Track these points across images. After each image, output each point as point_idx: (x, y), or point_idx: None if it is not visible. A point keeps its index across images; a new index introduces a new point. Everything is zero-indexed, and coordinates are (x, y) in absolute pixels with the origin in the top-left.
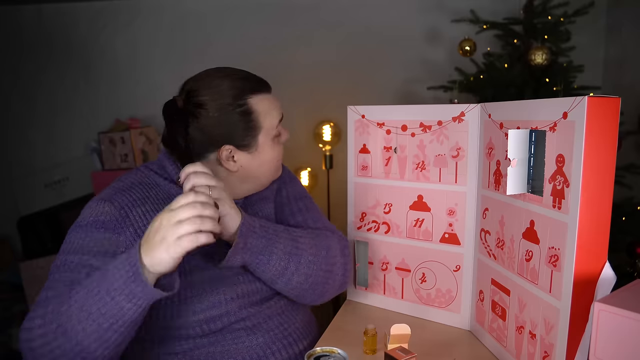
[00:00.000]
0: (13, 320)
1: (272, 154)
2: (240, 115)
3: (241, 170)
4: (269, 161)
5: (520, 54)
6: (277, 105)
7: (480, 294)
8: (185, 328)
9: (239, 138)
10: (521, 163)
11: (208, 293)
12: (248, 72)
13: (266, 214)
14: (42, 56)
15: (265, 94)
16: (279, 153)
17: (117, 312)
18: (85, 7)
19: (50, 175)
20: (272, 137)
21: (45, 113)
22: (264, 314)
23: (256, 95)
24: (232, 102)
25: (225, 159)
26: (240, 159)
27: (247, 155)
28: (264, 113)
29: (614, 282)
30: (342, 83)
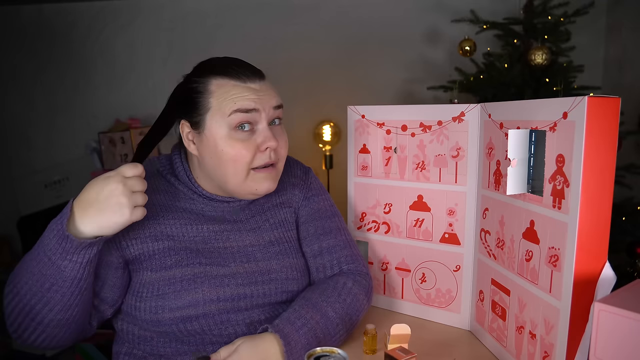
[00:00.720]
0: None
1: (232, 149)
2: (192, 90)
3: (200, 159)
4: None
5: (520, 54)
6: (248, 94)
7: (480, 294)
8: (162, 325)
9: (190, 110)
10: (521, 163)
11: (186, 291)
12: (237, 60)
13: (279, 220)
14: (42, 56)
15: (234, 81)
16: (250, 153)
17: (55, 271)
18: (85, 7)
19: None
20: (225, 122)
21: (45, 113)
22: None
23: (219, 79)
24: (192, 76)
25: (186, 137)
26: (196, 141)
27: (198, 137)
28: (219, 95)
29: (614, 282)
30: (342, 83)
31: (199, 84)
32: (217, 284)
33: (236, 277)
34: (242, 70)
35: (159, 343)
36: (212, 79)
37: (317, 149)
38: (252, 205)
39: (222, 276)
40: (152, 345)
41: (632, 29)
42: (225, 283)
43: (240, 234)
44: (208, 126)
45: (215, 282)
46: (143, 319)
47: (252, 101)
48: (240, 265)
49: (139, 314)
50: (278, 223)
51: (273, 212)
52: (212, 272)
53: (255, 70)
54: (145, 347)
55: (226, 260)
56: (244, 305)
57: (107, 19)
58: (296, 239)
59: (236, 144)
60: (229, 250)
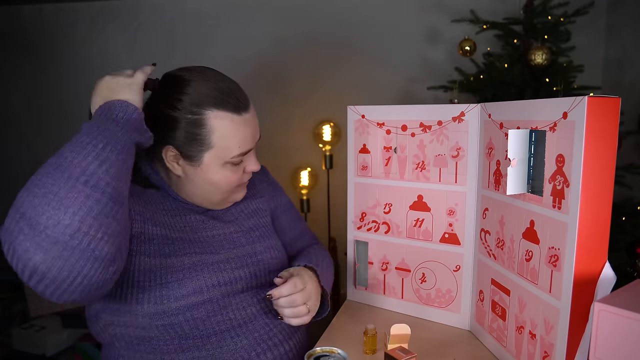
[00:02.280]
0: (13, 320)
1: (224, 177)
2: (188, 122)
3: (185, 178)
4: (219, 182)
5: (520, 54)
6: (246, 133)
7: (480, 294)
8: (167, 316)
9: (183, 145)
10: (521, 163)
11: (188, 279)
12: (233, 85)
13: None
14: (42, 56)
15: (232, 114)
16: (237, 177)
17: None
18: (85, 7)
19: None
20: (224, 162)
21: (45, 113)
22: (248, 311)
23: (218, 111)
24: (185, 105)
25: (169, 160)
26: (184, 167)
27: (188, 165)
28: (220, 133)
29: (614, 282)
30: (342, 83)
31: (194, 116)
32: (216, 270)
33: (230, 262)
34: (238, 100)
35: (160, 341)
36: (209, 112)
37: (317, 149)
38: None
39: (217, 262)
40: (152, 345)
41: (632, 29)
42: (222, 268)
43: (223, 223)
44: (206, 163)
45: (213, 268)
46: (145, 312)
47: (250, 141)
48: (229, 251)
49: (140, 308)
50: (252, 212)
51: (245, 204)
52: (208, 259)
53: (245, 96)
54: (145, 347)
55: (216, 248)
56: (240, 287)
57: (107, 19)
58: (271, 224)
59: (228, 174)
60: (217, 239)
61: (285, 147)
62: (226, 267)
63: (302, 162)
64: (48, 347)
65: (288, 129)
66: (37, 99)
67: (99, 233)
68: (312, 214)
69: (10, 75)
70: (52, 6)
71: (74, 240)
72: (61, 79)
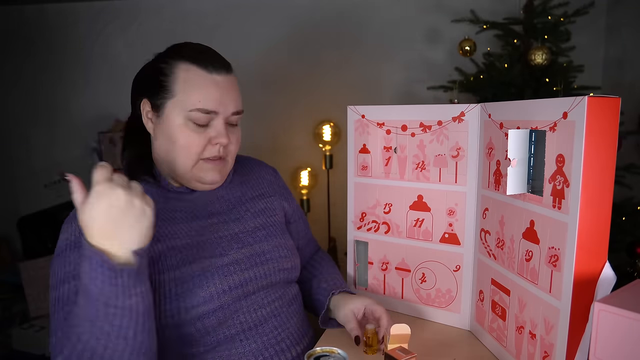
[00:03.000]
0: (13, 320)
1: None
2: (159, 70)
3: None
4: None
5: (520, 54)
6: (212, 93)
7: (480, 294)
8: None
9: (153, 92)
10: (521, 163)
11: (198, 287)
12: (211, 50)
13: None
14: (43, 56)
15: (200, 69)
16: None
17: (127, 315)
18: (86, 7)
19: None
20: (184, 115)
21: (45, 113)
22: (259, 313)
23: (187, 64)
24: (161, 57)
25: (145, 115)
26: (153, 121)
27: (156, 118)
28: (184, 83)
29: (614, 282)
30: (342, 83)
31: (166, 65)
32: (226, 273)
33: (239, 263)
34: (210, 60)
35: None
36: (180, 63)
37: (317, 149)
38: (227, 197)
39: (227, 265)
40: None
41: (632, 28)
42: (232, 271)
43: (227, 224)
44: (167, 112)
45: (223, 271)
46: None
47: (215, 102)
48: (238, 251)
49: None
50: (259, 211)
51: (251, 203)
52: (217, 262)
53: (223, 62)
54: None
55: (224, 249)
56: (251, 289)
57: (107, 19)
58: (281, 222)
59: (190, 134)
60: (224, 240)
61: (285, 147)
62: (236, 269)
63: (302, 162)
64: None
65: (288, 129)
66: (38, 99)
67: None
68: (312, 214)
69: (11, 75)
70: (53, 6)
71: None
72: (62, 78)
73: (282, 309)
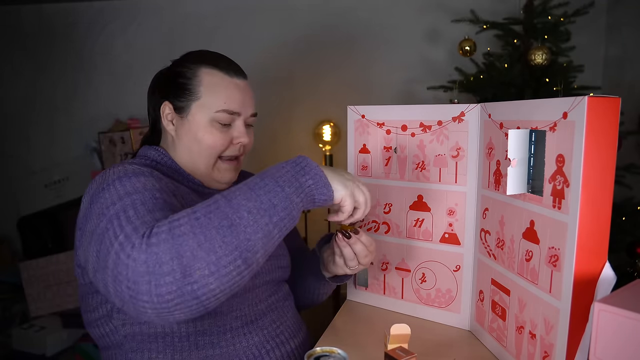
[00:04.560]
0: (13, 320)
1: (209, 134)
2: (181, 74)
3: (177, 138)
4: (203, 138)
5: (520, 54)
6: (235, 95)
7: (480, 294)
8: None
9: (177, 94)
10: (521, 163)
11: None
12: (229, 59)
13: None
14: (42, 56)
15: (222, 73)
16: (222, 142)
17: (288, 204)
18: (85, 7)
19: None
20: (210, 116)
21: (45, 113)
22: (259, 306)
23: (210, 68)
24: (182, 62)
25: (165, 118)
26: (175, 123)
27: (180, 120)
28: (208, 86)
29: (614, 282)
30: (342, 83)
31: (189, 69)
32: None
33: None
34: (231, 65)
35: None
36: (203, 67)
37: (317, 149)
38: None
39: None
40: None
41: (633, 28)
42: None
43: None
44: (192, 113)
45: None
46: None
47: (237, 103)
48: None
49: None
50: None
51: None
52: None
53: (240, 69)
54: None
55: None
56: (258, 282)
57: (107, 19)
58: None
59: (215, 133)
60: None
61: (286, 147)
62: None
63: None
64: (48, 347)
65: (288, 129)
66: (38, 99)
67: (224, 295)
68: (312, 214)
69: (10, 75)
70: (52, 6)
71: (207, 300)
72: (61, 78)
73: (278, 303)
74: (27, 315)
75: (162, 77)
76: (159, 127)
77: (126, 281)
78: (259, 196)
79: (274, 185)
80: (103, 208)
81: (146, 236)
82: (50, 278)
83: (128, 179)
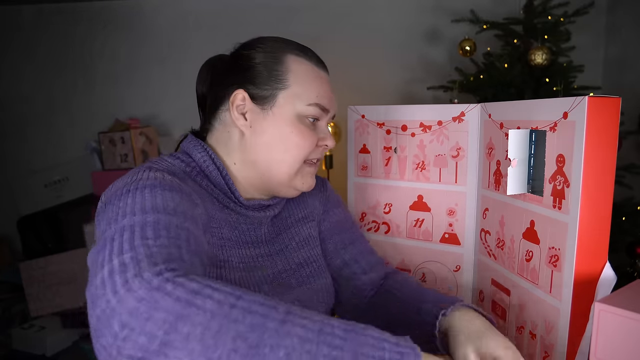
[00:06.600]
0: (13, 320)
1: (297, 130)
2: (268, 59)
3: (251, 135)
4: (290, 135)
5: (520, 54)
6: (326, 90)
7: (480, 294)
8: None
9: (257, 81)
10: (521, 163)
11: None
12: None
13: (304, 237)
14: (42, 56)
15: (313, 65)
16: (310, 143)
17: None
18: (85, 7)
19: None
20: (300, 109)
21: (45, 113)
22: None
23: (297, 56)
24: (265, 46)
25: (236, 110)
26: (250, 115)
27: (259, 111)
28: (298, 75)
29: (614, 282)
30: (342, 83)
31: (272, 54)
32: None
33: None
34: (318, 58)
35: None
36: (289, 54)
37: None
38: (277, 220)
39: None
40: None
41: (633, 29)
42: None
43: (272, 258)
44: (280, 104)
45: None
46: None
47: (328, 100)
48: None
49: None
50: (304, 240)
51: (297, 228)
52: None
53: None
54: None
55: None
56: None
57: (108, 19)
58: (322, 255)
59: (305, 130)
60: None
61: None
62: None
63: None
64: (48, 347)
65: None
66: (38, 99)
67: None
68: None
69: (10, 75)
70: (52, 6)
71: None
72: (61, 78)
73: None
74: (27, 315)
75: (230, 61)
76: (214, 122)
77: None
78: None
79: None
80: (119, 214)
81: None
82: (50, 278)
83: (162, 191)
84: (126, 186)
